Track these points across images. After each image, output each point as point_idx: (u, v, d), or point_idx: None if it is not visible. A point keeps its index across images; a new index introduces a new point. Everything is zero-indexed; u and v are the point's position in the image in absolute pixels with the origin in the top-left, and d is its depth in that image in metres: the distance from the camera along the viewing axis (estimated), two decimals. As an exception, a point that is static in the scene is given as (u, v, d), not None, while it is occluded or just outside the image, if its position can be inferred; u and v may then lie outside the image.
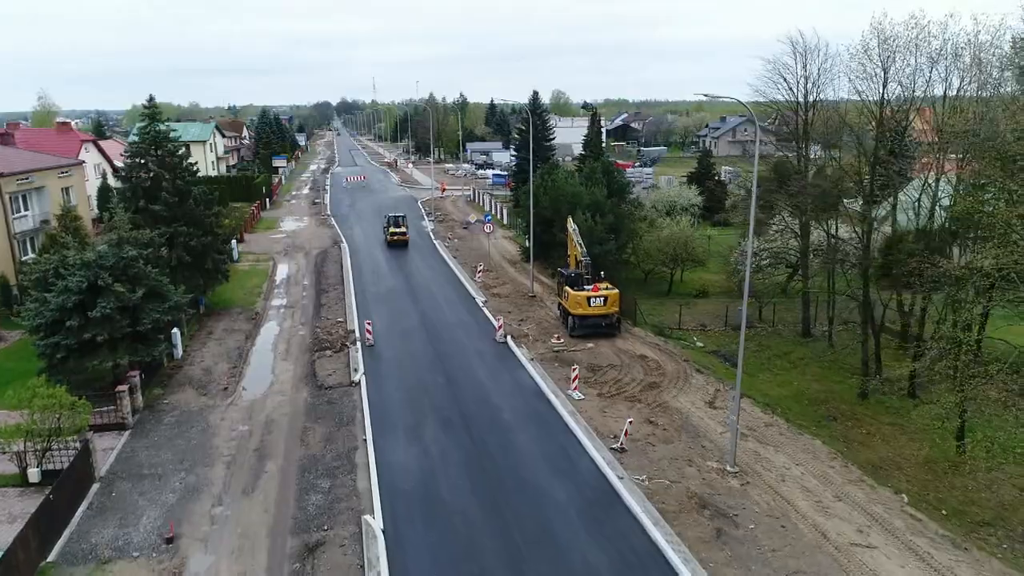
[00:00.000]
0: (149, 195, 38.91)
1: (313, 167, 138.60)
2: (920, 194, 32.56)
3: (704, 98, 22.78)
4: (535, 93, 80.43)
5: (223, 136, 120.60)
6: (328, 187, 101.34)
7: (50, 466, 23.69)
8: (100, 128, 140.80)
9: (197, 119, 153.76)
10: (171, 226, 38.87)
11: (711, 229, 59.35)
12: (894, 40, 30.65)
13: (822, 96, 34.24)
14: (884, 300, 32.56)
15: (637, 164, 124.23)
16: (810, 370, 33.69)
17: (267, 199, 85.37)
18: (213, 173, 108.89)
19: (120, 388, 27.43)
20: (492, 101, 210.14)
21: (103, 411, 27.32)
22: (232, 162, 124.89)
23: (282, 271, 53.11)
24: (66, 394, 23.64)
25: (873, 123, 31.32)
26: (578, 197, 45.17)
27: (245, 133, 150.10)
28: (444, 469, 23.62)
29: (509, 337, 36.45)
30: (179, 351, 34.91)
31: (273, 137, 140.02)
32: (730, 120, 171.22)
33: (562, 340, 35.80)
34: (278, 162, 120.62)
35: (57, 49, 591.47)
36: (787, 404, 29.73)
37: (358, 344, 35.74)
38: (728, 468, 23.50)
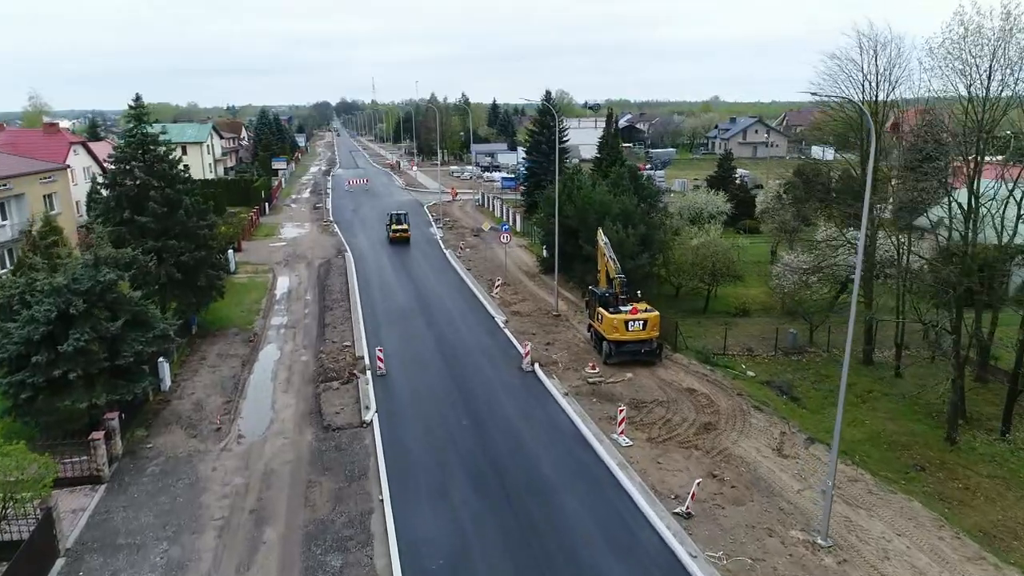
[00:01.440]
0: (135, 205, 35.03)
1: (314, 169, 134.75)
2: (1004, 205, 28.75)
3: (814, 97, 18.84)
4: (547, 93, 76.40)
5: (220, 137, 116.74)
6: (330, 190, 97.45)
7: (6, 537, 19.78)
8: (95, 129, 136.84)
9: (195, 119, 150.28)
10: (160, 239, 35.02)
11: (741, 238, 55.35)
12: (979, 32, 26.87)
13: (896, 94, 30.32)
14: (969, 327, 28.63)
15: (648, 167, 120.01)
16: (880, 406, 29.83)
17: (266, 204, 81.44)
18: (210, 176, 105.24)
19: (95, 436, 23.50)
20: (494, 101, 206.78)
21: (75, 462, 23.43)
22: (230, 164, 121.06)
23: (282, 284, 49.21)
24: (26, 452, 19.74)
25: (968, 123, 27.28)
26: (606, 206, 41.31)
27: (244, 134, 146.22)
28: (480, 544, 19.70)
29: (537, 365, 32.58)
30: (167, 382, 31.02)
31: (272, 138, 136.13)
32: (740, 121, 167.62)
33: (597, 369, 31.90)
34: (278, 164, 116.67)
35: (57, 49, 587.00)
36: (865, 450, 25.84)
37: (368, 374, 31.85)
38: (819, 542, 19.60)
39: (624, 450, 24.73)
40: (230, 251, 52.77)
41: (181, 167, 37.13)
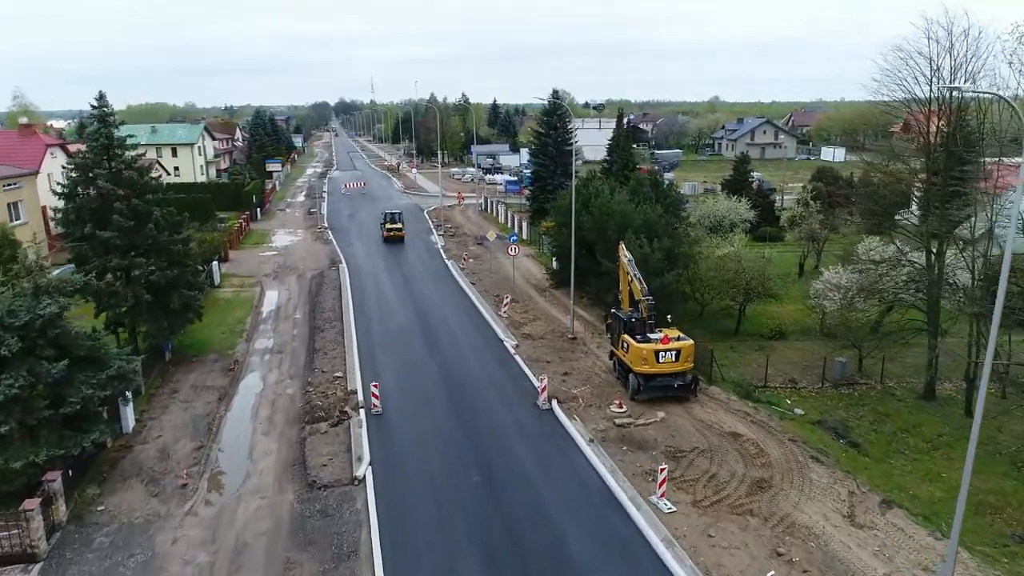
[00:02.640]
0: (98, 218, 30.96)
1: (310, 171, 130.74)
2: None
3: (964, 92, 14.78)
4: (554, 91, 72.29)
5: (213, 139, 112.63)
6: (325, 194, 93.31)
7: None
8: (83, 129, 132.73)
9: (191, 119, 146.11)
10: (126, 257, 30.94)
11: (768, 248, 51.27)
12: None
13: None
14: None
15: (655, 169, 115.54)
16: (957, 454, 25.65)
17: (258, 208, 77.35)
18: (202, 178, 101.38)
19: (28, 506, 19.41)
20: (495, 101, 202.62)
21: (3, 536, 19.36)
22: (224, 165, 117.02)
23: (270, 300, 45.11)
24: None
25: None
26: (627, 217, 37.26)
27: (238, 135, 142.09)
28: (498, 660, 15.67)
29: (555, 402, 28.52)
30: (130, 422, 26.95)
31: (267, 139, 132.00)
32: (748, 121, 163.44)
33: (624, 408, 27.83)
34: (272, 166, 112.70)
35: (57, 49, 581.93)
36: (951, 514, 21.76)
37: (361, 413, 27.78)
38: (929, 657, 15.57)
39: (667, 518, 20.66)
40: (215, 263, 48.83)
41: (153, 174, 32.98)
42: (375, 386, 28.21)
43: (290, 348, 36.15)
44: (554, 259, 49.42)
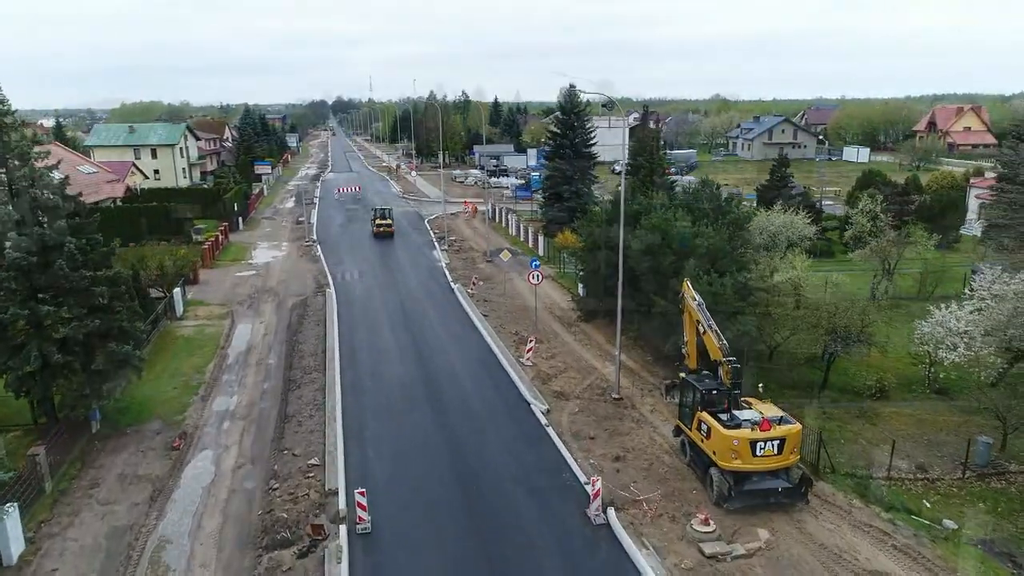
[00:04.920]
0: (-11, 252, 23.04)
1: (303, 172, 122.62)
2: None
3: None
4: (571, 86, 63.90)
5: (196, 139, 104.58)
6: (317, 199, 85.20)
7: None
8: (60, 130, 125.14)
9: (180, 118, 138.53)
10: (27, 305, 23.00)
11: (836, 274, 43.20)
12: None
13: None
14: None
15: (671, 171, 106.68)
16: None
17: (240, 217, 69.27)
18: (185, 182, 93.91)
19: None
20: (496, 99, 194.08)
21: None
22: (211, 167, 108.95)
23: (241, 337, 37.09)
24: None
25: None
26: (687, 241, 29.33)
27: (228, 134, 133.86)
28: None
29: (612, 511, 20.56)
30: (14, 550, 19.00)
31: (256, 139, 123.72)
32: (765, 120, 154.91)
33: (712, 527, 19.80)
34: (261, 168, 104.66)
35: (57, 49, 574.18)
36: None
37: (342, 529, 19.81)
38: None
39: None
40: (176, 291, 40.89)
41: (68, 190, 24.95)
42: (361, 494, 20.10)
43: (256, 411, 28.19)
44: (580, 285, 41.55)
